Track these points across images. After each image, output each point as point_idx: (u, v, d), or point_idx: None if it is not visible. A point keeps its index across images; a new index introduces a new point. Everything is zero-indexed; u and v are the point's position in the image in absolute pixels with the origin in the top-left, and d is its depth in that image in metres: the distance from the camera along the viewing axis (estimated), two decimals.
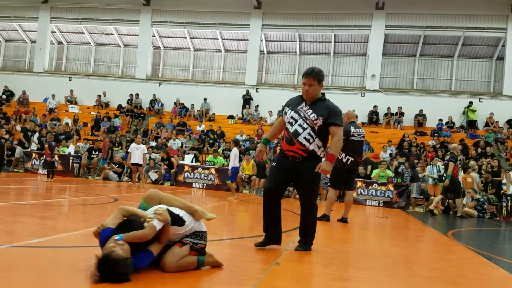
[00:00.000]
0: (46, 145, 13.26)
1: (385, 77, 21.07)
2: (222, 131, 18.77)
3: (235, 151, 10.69)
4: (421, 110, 19.67)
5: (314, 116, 4.13)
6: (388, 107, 19.86)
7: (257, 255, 4.07)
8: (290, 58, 22.31)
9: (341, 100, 19.41)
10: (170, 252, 3.03)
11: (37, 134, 16.59)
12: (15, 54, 25.15)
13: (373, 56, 20.52)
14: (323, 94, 4.39)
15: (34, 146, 16.19)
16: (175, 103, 21.59)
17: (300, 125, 4.14)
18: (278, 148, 12.93)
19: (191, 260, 3.12)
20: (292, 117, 4.22)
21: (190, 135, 18.58)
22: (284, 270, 3.48)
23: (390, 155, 16.10)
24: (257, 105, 20.68)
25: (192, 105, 21.38)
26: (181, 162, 15.11)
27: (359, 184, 13.01)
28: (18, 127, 18.72)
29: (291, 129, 4.18)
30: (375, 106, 19.86)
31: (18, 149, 16.16)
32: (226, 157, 15.38)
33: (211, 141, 17.96)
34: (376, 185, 13.06)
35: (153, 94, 21.97)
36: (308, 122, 4.14)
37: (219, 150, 16.09)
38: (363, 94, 20.53)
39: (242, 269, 3.40)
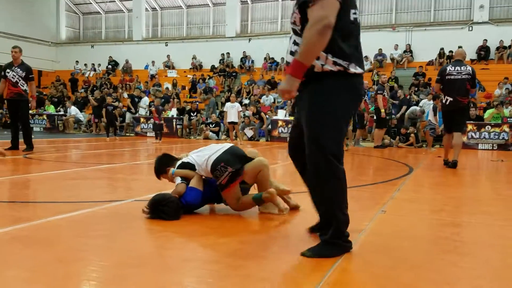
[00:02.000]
0: (154, 109, 14.21)
1: (495, 7, 18.73)
2: None
3: None
4: None
5: (292, 13, 2.38)
6: (501, 40, 17.78)
7: (360, 204, 4.01)
8: None
9: (446, 36, 18.07)
10: (228, 198, 3.32)
11: (144, 100, 17.77)
12: (115, 24, 26.82)
13: None
14: None
15: (142, 111, 17.43)
16: (265, 58, 21.58)
17: (290, 39, 2.46)
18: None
19: (248, 201, 3.31)
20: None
21: None
22: (391, 218, 3.39)
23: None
24: None
25: (282, 59, 21.18)
26: (274, 117, 15.24)
27: (469, 127, 12.05)
28: (125, 95, 20.26)
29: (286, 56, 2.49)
30: (484, 40, 17.88)
31: (128, 115, 17.56)
32: None
33: None
34: (489, 127, 11.98)
35: (243, 51, 22.14)
36: (292, 25, 2.42)
37: None
38: (470, 28, 18.57)
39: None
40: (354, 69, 2.34)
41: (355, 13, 2.31)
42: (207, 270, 2.15)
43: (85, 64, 24.98)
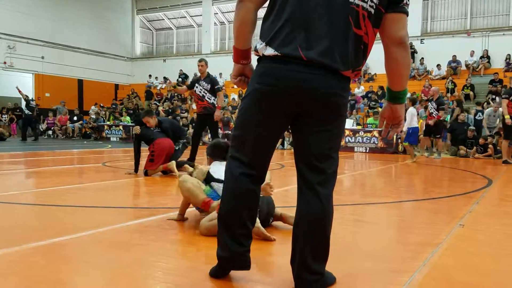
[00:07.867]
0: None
1: None
2: (383, 91, 17.93)
3: (411, 110, 9.95)
4: None
5: None
6: None
7: (437, 217, 3.84)
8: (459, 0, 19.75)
9: None
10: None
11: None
12: (186, 39, 27.94)
13: None
14: None
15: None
16: None
17: None
18: None
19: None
20: None
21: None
22: (470, 233, 3.20)
23: None
24: (422, 58, 18.99)
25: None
26: None
27: None
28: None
29: None
30: None
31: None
32: None
33: (372, 103, 17.34)
34: None
35: None
36: None
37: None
38: None
39: (423, 231, 3.24)
40: (271, 50, 1.79)
41: None
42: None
43: (156, 77, 26.22)
